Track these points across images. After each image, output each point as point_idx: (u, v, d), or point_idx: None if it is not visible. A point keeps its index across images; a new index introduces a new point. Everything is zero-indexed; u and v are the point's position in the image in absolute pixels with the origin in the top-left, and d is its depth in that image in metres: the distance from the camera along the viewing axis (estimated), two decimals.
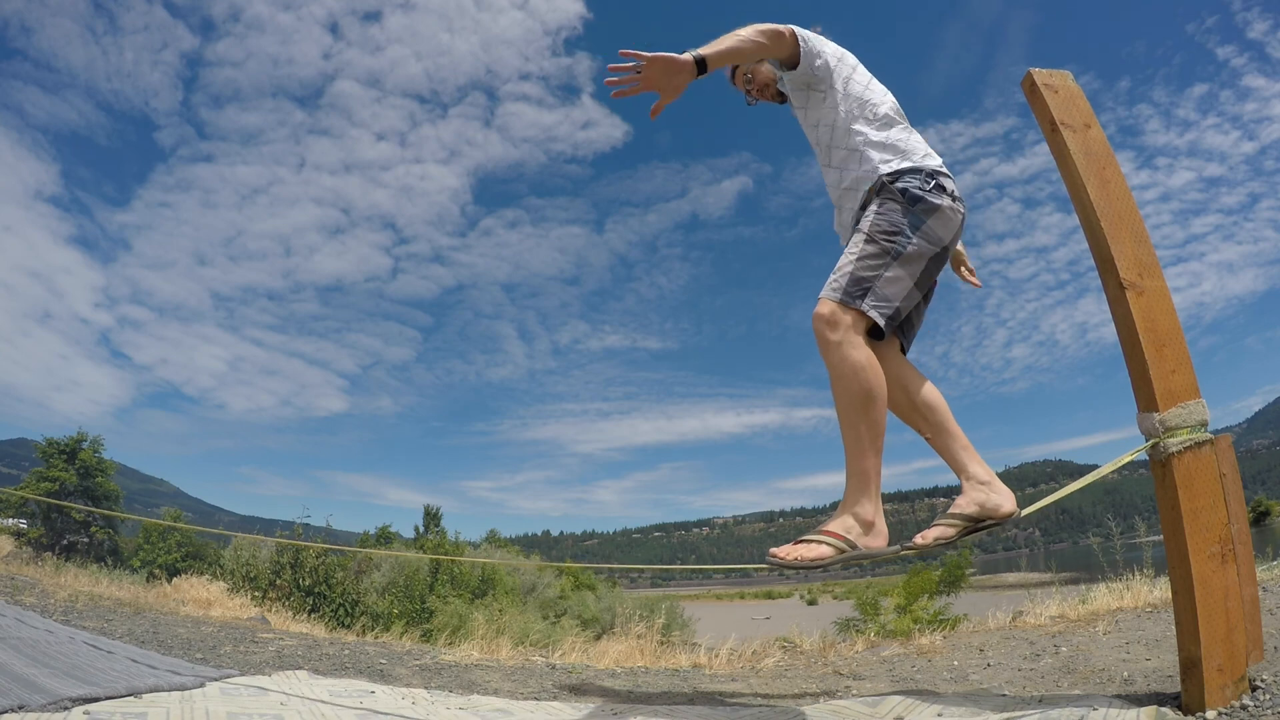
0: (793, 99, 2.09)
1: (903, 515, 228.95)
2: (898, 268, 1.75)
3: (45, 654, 2.57)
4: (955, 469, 1.84)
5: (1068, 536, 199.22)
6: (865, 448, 1.72)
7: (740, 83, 2.22)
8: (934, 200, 1.79)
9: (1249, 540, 1.63)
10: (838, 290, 1.74)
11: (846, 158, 1.93)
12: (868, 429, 1.71)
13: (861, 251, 1.77)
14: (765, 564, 1.71)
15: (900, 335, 1.95)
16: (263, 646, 3.71)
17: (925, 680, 2.72)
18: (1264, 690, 1.53)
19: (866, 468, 1.72)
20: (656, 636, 5.04)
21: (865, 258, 1.76)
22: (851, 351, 1.70)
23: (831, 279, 1.78)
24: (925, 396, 1.88)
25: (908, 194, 1.80)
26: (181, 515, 23.04)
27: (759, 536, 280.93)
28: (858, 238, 1.80)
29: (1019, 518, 1.77)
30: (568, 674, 3.31)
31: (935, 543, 1.73)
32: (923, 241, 1.78)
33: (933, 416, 1.87)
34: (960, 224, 1.86)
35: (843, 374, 1.70)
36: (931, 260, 1.82)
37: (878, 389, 1.70)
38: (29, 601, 4.49)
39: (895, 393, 1.88)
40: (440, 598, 13.24)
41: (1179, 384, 1.64)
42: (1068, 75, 1.88)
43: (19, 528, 20.79)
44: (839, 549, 1.67)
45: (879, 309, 1.74)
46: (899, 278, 1.76)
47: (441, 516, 21.27)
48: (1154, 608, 3.34)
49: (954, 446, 1.85)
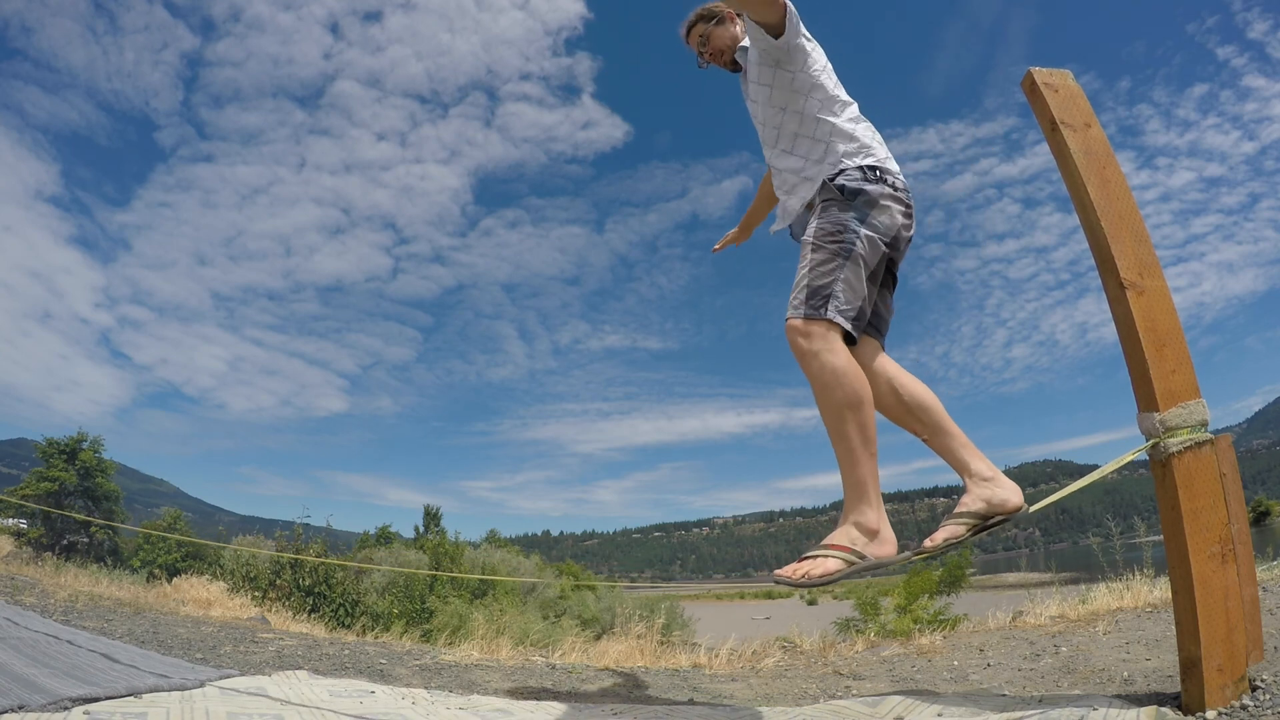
0: (755, 74, 1.98)
1: (903, 515, 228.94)
2: (851, 267, 1.73)
3: (45, 654, 2.57)
4: (957, 467, 1.81)
5: (1068, 536, 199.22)
6: (858, 454, 1.68)
7: (694, 42, 2.13)
8: (873, 190, 1.78)
9: (1249, 540, 1.63)
10: (800, 306, 1.72)
11: (811, 147, 1.89)
12: (858, 434, 1.68)
13: (812, 260, 1.75)
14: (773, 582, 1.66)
15: (874, 331, 1.91)
16: (263, 646, 3.71)
17: (925, 680, 2.71)
18: (1264, 690, 1.53)
19: (863, 475, 1.68)
20: (656, 636, 5.04)
21: (817, 265, 1.74)
22: (830, 358, 1.67)
23: (792, 296, 1.76)
24: (916, 396, 1.84)
25: (846, 190, 1.79)
26: (181, 515, 23.00)
27: (759, 536, 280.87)
28: (805, 248, 1.79)
29: (1027, 513, 1.74)
30: (568, 674, 3.31)
31: (946, 543, 1.70)
32: (869, 233, 1.76)
33: (927, 417, 1.83)
34: (905, 212, 1.83)
35: (825, 382, 1.67)
36: (883, 250, 1.80)
37: (863, 392, 1.68)
38: (29, 601, 4.48)
39: (884, 395, 1.84)
40: (440, 598, 13.23)
41: (1179, 384, 1.64)
42: (1068, 75, 1.88)
43: (19, 528, 20.78)
44: (847, 561, 1.63)
45: (844, 313, 1.71)
46: (855, 277, 1.74)
47: (441, 516, 21.26)
48: (1154, 608, 3.34)
49: (953, 445, 1.81)
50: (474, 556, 18.21)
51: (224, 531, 17.54)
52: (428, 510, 21.58)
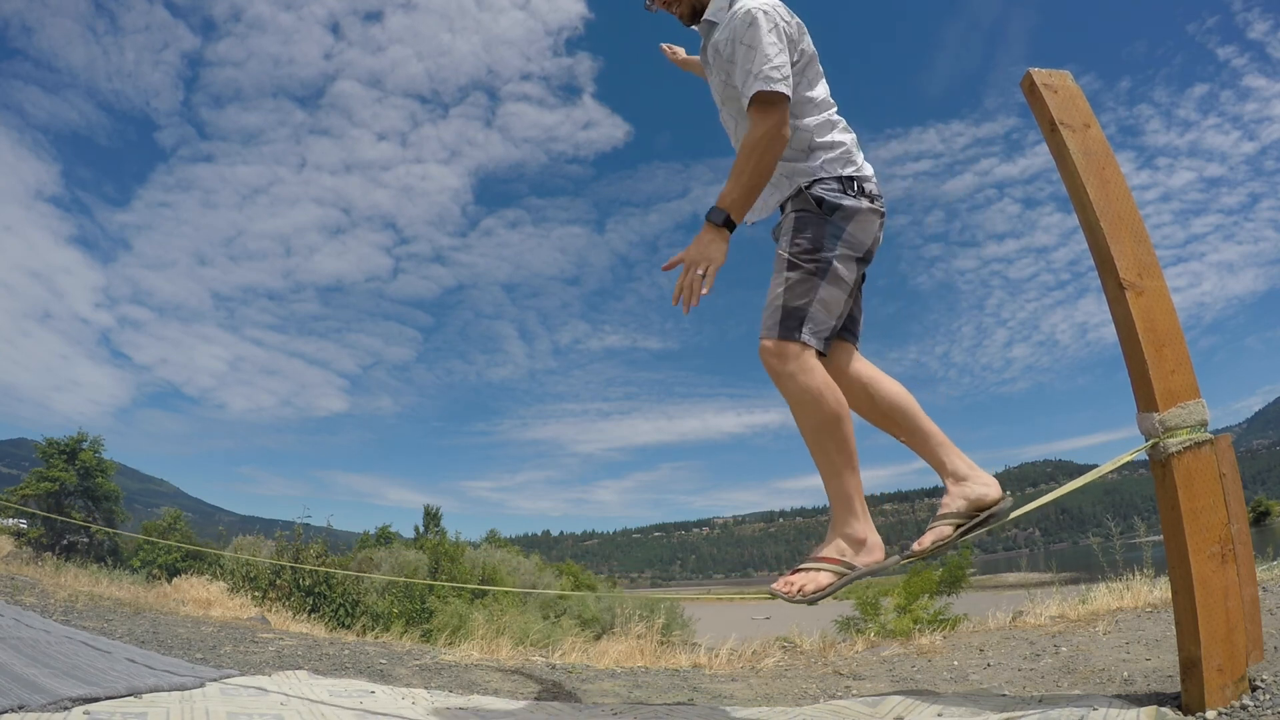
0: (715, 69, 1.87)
1: (903, 515, 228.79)
2: (828, 286, 1.70)
3: (45, 654, 2.57)
4: (935, 467, 1.80)
5: (1068, 536, 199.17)
6: (840, 469, 1.69)
7: None
8: (851, 205, 1.74)
9: (1249, 540, 1.63)
10: (774, 328, 1.69)
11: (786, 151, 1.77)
12: (838, 450, 1.68)
13: (787, 280, 1.71)
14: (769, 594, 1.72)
15: (847, 334, 1.88)
16: (263, 646, 3.71)
17: (925, 680, 2.72)
18: (1264, 690, 1.53)
19: (847, 489, 1.70)
20: (656, 636, 5.04)
21: (793, 286, 1.70)
22: (806, 379, 1.65)
23: (766, 314, 1.72)
24: (890, 398, 1.82)
25: (825, 203, 1.74)
26: (181, 515, 22.97)
27: (759, 536, 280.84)
28: (781, 264, 1.74)
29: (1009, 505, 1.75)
30: (568, 674, 3.31)
31: (934, 545, 1.72)
32: (845, 250, 1.73)
33: (904, 420, 1.82)
34: (880, 224, 1.79)
35: (803, 402, 1.66)
36: (857, 263, 1.76)
37: (839, 409, 1.67)
38: (29, 601, 4.49)
39: (860, 400, 1.84)
40: (440, 598, 13.24)
41: (1179, 384, 1.64)
42: (1067, 75, 1.88)
43: (19, 528, 20.78)
44: (838, 574, 1.68)
45: (818, 335, 1.68)
46: (831, 296, 1.70)
47: (441, 516, 21.26)
48: (1154, 608, 3.34)
49: (930, 445, 1.81)
50: (474, 556, 18.22)
51: (224, 532, 17.53)
52: (428, 510, 21.60)
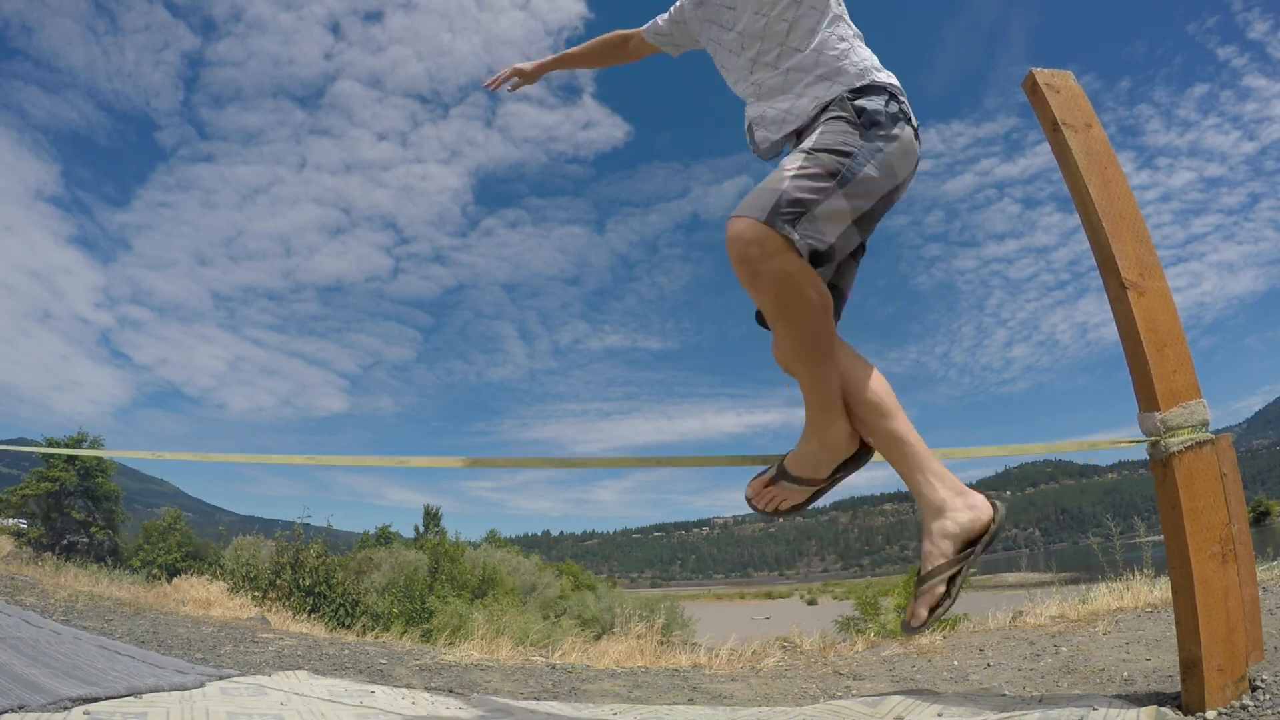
0: None
1: (903, 515, 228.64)
2: (842, 197, 1.36)
3: (45, 654, 2.57)
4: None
5: (1068, 536, 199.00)
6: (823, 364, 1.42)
7: None
8: (895, 130, 1.44)
9: (1249, 540, 1.63)
10: (763, 209, 1.30)
11: (816, 61, 1.51)
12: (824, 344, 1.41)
13: (802, 168, 1.35)
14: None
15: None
16: (263, 646, 3.71)
17: (925, 680, 2.71)
18: (1264, 690, 1.53)
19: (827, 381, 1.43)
20: (656, 636, 5.04)
21: (805, 176, 1.34)
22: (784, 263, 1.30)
23: (754, 196, 1.35)
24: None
25: (865, 115, 1.43)
26: (181, 515, 23.00)
27: (759, 536, 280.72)
28: (797, 155, 1.40)
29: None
30: (568, 674, 3.31)
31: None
32: (877, 173, 1.40)
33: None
34: (915, 166, 1.50)
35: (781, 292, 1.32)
36: (881, 200, 1.45)
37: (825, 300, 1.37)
38: (29, 601, 4.49)
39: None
40: (440, 598, 13.24)
41: (1180, 384, 1.64)
42: (1069, 75, 1.88)
43: (19, 528, 20.79)
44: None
45: (811, 240, 1.32)
46: (841, 210, 1.37)
47: (441, 516, 21.35)
48: (1154, 608, 3.34)
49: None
50: (474, 557, 18.23)
51: (224, 532, 17.53)
52: (428, 510, 21.65)
